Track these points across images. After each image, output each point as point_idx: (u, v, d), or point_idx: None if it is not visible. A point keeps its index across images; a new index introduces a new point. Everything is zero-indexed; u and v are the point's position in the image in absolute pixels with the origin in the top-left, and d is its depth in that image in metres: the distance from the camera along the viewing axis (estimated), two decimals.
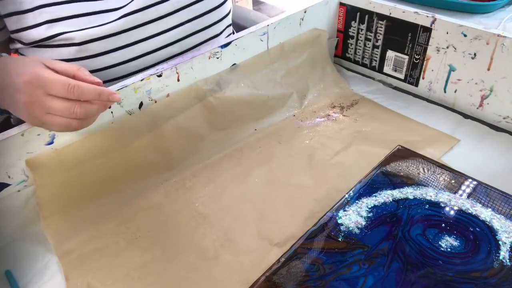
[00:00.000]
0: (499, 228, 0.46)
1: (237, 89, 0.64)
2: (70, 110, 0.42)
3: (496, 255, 0.43)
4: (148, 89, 0.55)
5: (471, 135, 0.62)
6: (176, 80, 0.57)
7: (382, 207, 0.49)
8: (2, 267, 0.47)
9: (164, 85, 0.56)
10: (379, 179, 0.53)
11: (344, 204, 0.50)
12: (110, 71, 0.60)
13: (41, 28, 0.55)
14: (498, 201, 0.49)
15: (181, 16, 0.63)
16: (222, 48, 0.60)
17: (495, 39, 0.58)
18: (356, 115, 0.68)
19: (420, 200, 0.50)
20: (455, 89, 0.66)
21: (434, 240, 0.45)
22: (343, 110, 0.69)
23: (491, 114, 0.63)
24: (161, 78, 0.55)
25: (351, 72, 0.79)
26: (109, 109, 0.52)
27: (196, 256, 0.47)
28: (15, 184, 0.49)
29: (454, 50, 0.63)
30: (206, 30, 0.67)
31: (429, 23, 0.64)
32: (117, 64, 0.60)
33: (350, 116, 0.68)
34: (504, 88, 0.60)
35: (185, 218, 0.52)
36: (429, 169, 0.54)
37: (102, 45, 0.58)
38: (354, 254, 0.44)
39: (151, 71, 0.55)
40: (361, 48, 0.76)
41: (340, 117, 0.68)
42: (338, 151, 0.60)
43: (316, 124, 0.66)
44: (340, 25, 0.77)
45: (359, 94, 0.72)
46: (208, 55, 0.59)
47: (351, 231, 0.47)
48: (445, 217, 0.48)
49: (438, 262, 0.43)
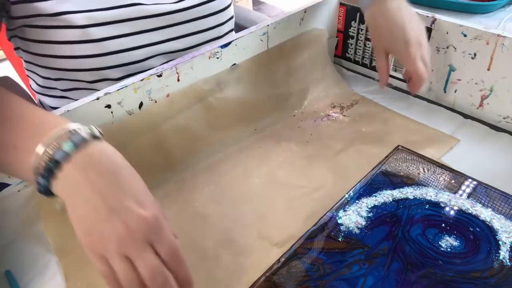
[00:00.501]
0: (499, 228, 0.46)
1: (237, 89, 0.64)
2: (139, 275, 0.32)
3: (496, 255, 0.43)
4: (148, 89, 0.55)
5: (471, 135, 0.62)
6: (176, 80, 0.57)
7: (382, 207, 0.49)
8: (2, 267, 0.47)
9: (164, 85, 0.56)
10: (379, 179, 0.53)
11: (344, 204, 0.50)
12: (116, 57, 0.60)
13: (48, 3, 0.55)
14: (498, 201, 0.49)
15: (185, 15, 0.64)
16: (222, 48, 0.60)
17: (495, 39, 0.58)
18: (356, 115, 0.68)
19: (420, 200, 0.50)
20: (455, 89, 0.66)
21: (434, 240, 0.45)
22: (343, 110, 0.69)
23: (491, 114, 0.63)
24: (161, 78, 0.55)
25: (351, 72, 0.79)
26: (109, 109, 0.52)
27: (196, 256, 0.47)
28: (15, 184, 0.49)
29: (454, 50, 0.63)
30: (209, 31, 0.68)
31: (429, 23, 0.64)
32: (122, 50, 0.60)
33: (350, 116, 0.68)
34: (504, 88, 0.60)
35: (185, 218, 0.52)
36: (429, 169, 0.54)
37: (106, 30, 0.58)
38: (354, 254, 0.44)
39: (151, 71, 0.55)
40: (361, 48, 0.76)
41: (340, 117, 0.68)
42: (338, 151, 0.60)
43: (316, 124, 0.66)
44: (340, 25, 0.77)
45: (359, 94, 0.72)
46: (208, 55, 0.59)
47: (351, 231, 0.47)
48: (445, 217, 0.48)
49: (438, 262, 0.43)
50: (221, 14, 0.68)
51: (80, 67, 0.60)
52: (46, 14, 0.56)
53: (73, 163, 0.33)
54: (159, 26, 0.62)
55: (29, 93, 0.89)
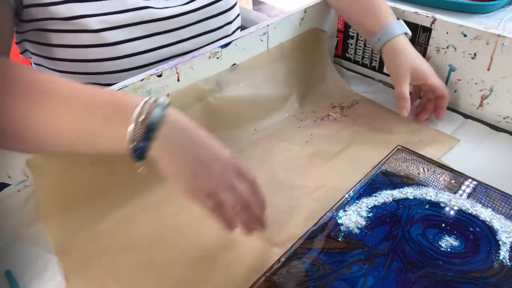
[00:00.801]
0: (499, 228, 0.46)
1: (237, 89, 0.64)
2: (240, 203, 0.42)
3: (496, 255, 0.43)
4: (148, 89, 0.55)
5: (471, 135, 0.62)
6: (176, 80, 0.57)
7: (382, 207, 0.49)
8: (2, 267, 0.47)
9: (164, 85, 0.56)
10: (379, 179, 0.53)
11: (344, 204, 0.50)
12: (130, 60, 0.62)
13: (62, 6, 0.56)
14: (498, 201, 0.49)
15: (194, 16, 0.65)
16: (222, 48, 0.60)
17: (495, 39, 0.58)
18: (356, 115, 0.68)
19: (420, 200, 0.50)
20: (455, 89, 0.66)
21: (434, 240, 0.45)
22: (343, 110, 0.69)
23: (491, 114, 0.63)
24: (161, 78, 0.55)
25: (351, 72, 0.79)
26: None
27: (196, 256, 0.47)
28: (15, 184, 0.49)
29: (454, 50, 0.63)
30: (218, 31, 0.69)
31: (429, 23, 0.64)
32: (136, 53, 0.62)
33: (350, 116, 0.68)
34: (504, 88, 0.60)
35: (185, 218, 0.52)
36: (429, 169, 0.54)
37: (120, 34, 0.59)
38: (354, 254, 0.44)
39: (151, 71, 0.55)
40: (361, 48, 0.76)
41: (340, 117, 0.68)
42: (338, 151, 0.60)
43: (316, 124, 0.66)
44: (340, 25, 0.77)
45: (359, 94, 0.72)
46: (208, 55, 0.59)
47: (351, 231, 0.47)
48: (445, 217, 0.48)
49: (438, 262, 0.43)
50: (228, 13, 0.70)
51: (95, 70, 0.61)
52: (60, 18, 0.56)
53: (166, 124, 0.39)
54: (170, 28, 0.63)
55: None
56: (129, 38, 0.60)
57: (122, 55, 0.60)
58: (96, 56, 0.60)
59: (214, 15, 0.67)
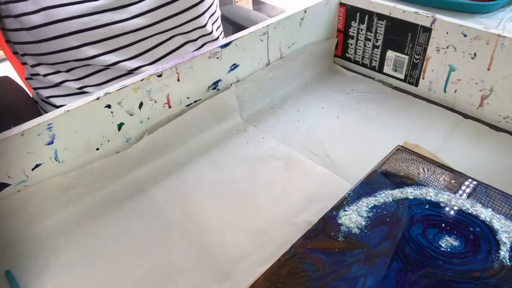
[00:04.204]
0: (499, 228, 0.46)
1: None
2: None
3: (496, 255, 0.43)
4: (148, 89, 0.55)
5: (471, 135, 0.62)
6: (176, 80, 0.57)
7: (382, 207, 0.49)
8: (2, 267, 0.47)
9: (164, 85, 0.56)
10: (379, 179, 0.53)
11: (344, 204, 0.50)
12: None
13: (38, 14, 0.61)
14: (498, 201, 0.49)
15: (161, 13, 0.70)
16: (222, 48, 0.60)
17: (495, 39, 0.58)
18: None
19: (420, 200, 0.50)
20: (455, 89, 0.66)
21: (434, 240, 0.45)
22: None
23: (491, 114, 0.63)
24: (161, 78, 0.55)
25: (351, 72, 0.79)
26: (109, 109, 0.52)
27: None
28: (15, 184, 0.49)
29: (454, 50, 0.63)
30: (190, 23, 0.75)
31: (429, 23, 0.64)
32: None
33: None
34: (504, 88, 0.60)
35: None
36: (429, 169, 0.54)
37: (92, 18, 0.65)
38: (354, 254, 0.44)
39: (151, 71, 0.55)
40: (361, 48, 0.76)
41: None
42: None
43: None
44: (340, 25, 0.77)
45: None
46: (208, 55, 0.59)
47: (351, 231, 0.47)
48: (445, 217, 0.48)
49: (438, 262, 0.43)
50: (196, 8, 0.75)
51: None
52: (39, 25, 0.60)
53: None
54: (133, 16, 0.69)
55: (29, 93, 0.89)
56: (96, 24, 0.66)
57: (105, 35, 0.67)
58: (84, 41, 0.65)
59: (181, 11, 0.72)
